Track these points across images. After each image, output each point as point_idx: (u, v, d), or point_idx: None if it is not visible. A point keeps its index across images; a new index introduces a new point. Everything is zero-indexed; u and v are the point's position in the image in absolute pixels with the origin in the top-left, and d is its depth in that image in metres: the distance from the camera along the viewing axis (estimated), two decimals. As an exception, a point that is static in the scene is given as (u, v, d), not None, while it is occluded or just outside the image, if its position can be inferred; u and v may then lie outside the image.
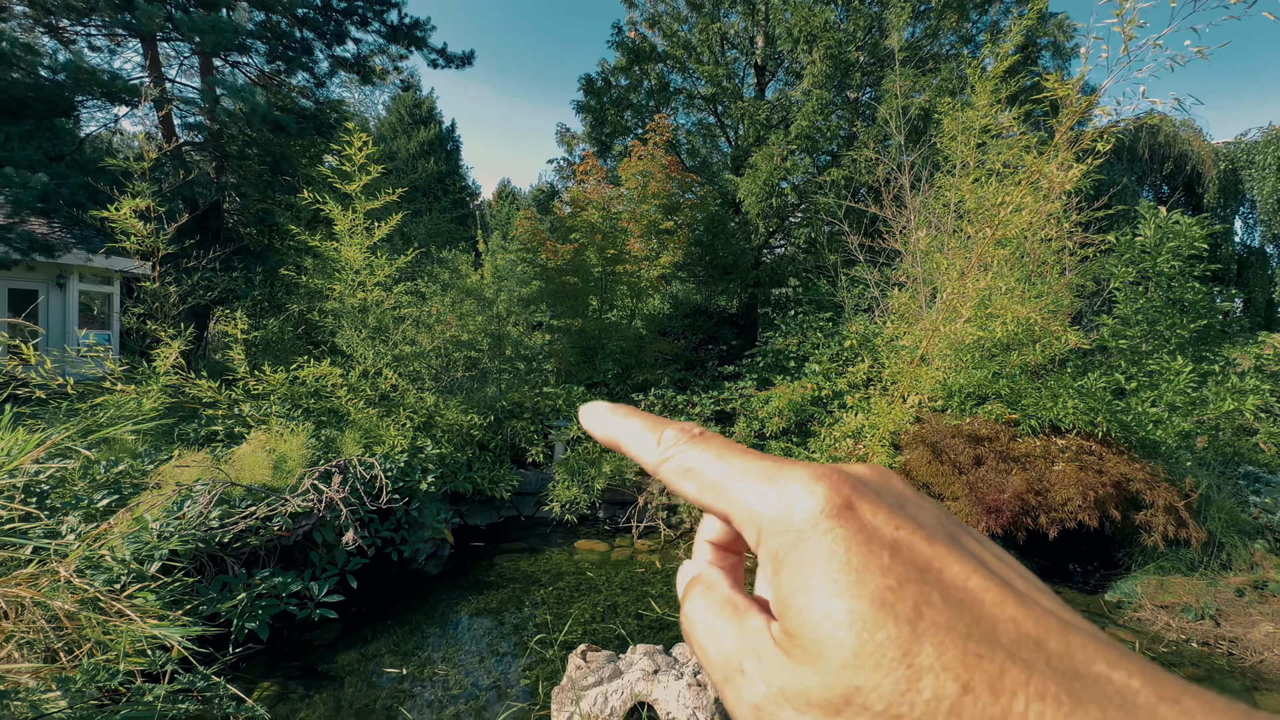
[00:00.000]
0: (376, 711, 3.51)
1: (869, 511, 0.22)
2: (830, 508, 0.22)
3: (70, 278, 12.33)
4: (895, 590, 0.20)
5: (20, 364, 4.57)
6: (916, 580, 0.21)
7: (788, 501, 0.23)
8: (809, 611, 0.21)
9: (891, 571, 0.21)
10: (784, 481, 0.23)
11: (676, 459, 0.27)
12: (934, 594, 0.20)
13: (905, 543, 0.22)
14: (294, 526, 4.44)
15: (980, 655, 0.19)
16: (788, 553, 0.22)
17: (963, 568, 0.21)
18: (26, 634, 2.79)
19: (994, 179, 5.58)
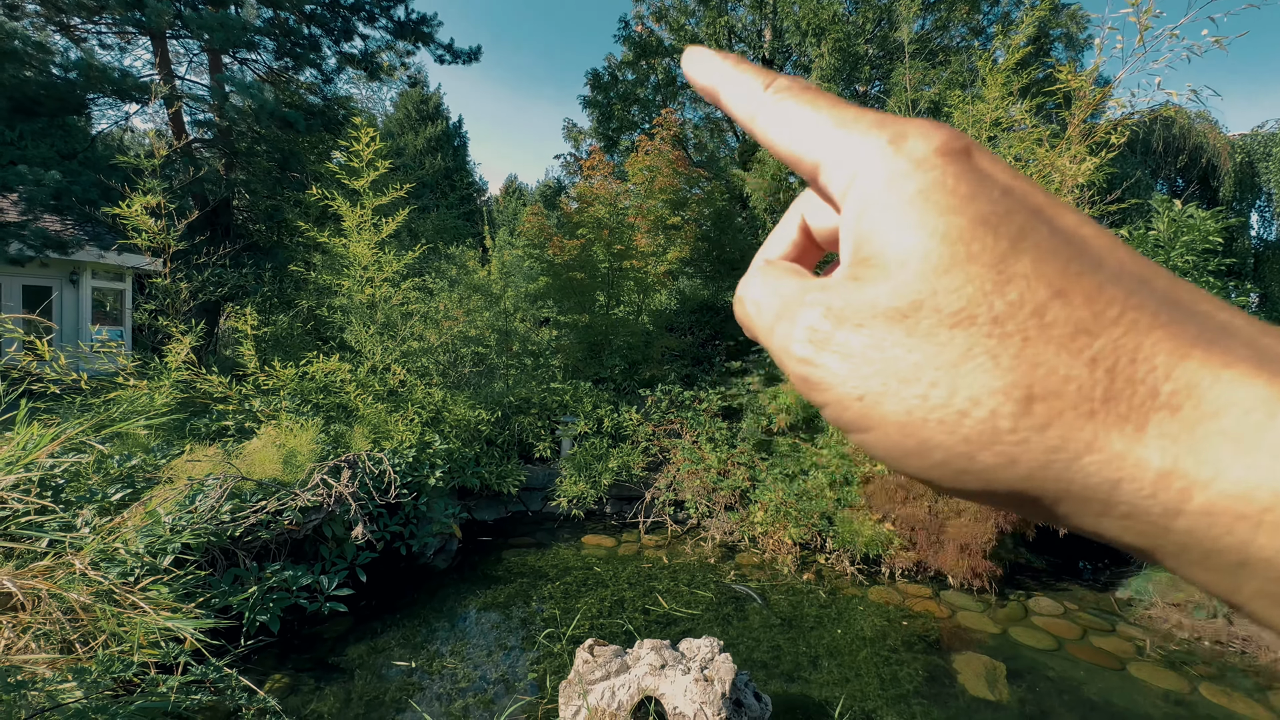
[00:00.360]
0: (386, 703, 3.54)
1: (987, 160, 0.20)
2: (947, 149, 0.20)
3: (83, 274, 12.47)
4: (1001, 215, 0.19)
5: (35, 360, 4.63)
6: (1026, 213, 0.19)
7: (898, 140, 0.20)
8: (901, 227, 0.19)
9: (1000, 203, 0.19)
10: (901, 126, 0.21)
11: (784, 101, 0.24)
12: (1042, 226, 0.19)
13: (1020, 189, 0.20)
14: (304, 521, 4.48)
15: (1081, 273, 0.18)
16: (888, 187, 0.20)
17: (1076, 219, 0.19)
18: (43, 625, 2.83)
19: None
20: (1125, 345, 0.17)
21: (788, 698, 3.75)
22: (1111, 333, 0.17)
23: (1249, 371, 0.16)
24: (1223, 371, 0.16)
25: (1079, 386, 0.17)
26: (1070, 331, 0.17)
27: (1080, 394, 0.17)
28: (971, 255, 0.18)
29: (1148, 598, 5.39)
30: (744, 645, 4.40)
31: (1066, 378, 0.17)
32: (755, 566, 6.01)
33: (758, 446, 7.29)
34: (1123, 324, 0.17)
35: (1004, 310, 0.17)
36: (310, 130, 10.26)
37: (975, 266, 0.18)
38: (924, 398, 0.18)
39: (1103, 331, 0.17)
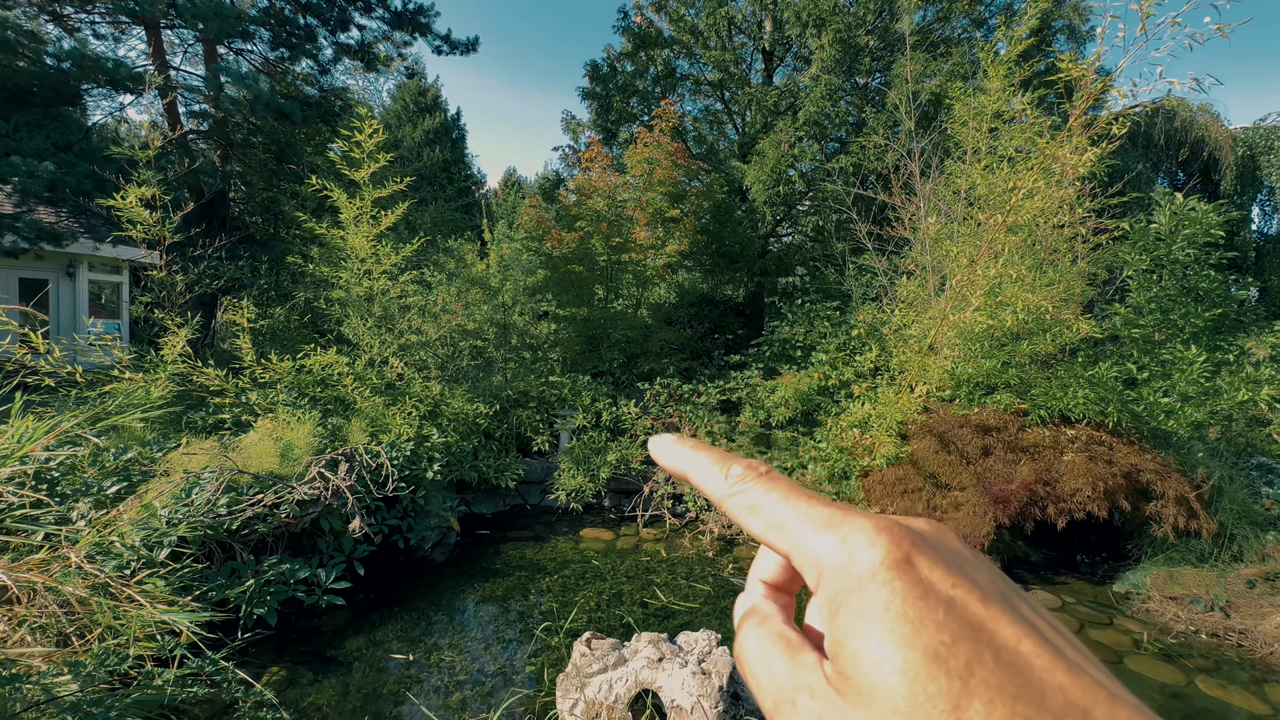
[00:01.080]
0: (384, 696, 3.54)
1: (926, 567, 0.23)
2: (890, 560, 0.23)
3: (79, 267, 12.41)
4: (949, 646, 0.21)
5: (30, 352, 4.61)
6: (970, 639, 0.21)
7: (849, 550, 0.24)
8: (864, 656, 0.22)
9: (946, 628, 0.21)
10: (846, 530, 0.24)
11: (743, 495, 0.28)
12: (986, 654, 0.21)
13: (960, 601, 0.22)
14: (301, 514, 4.47)
15: (1027, 717, 0.20)
16: (846, 599, 0.23)
17: (1015, 631, 0.22)
18: (39, 619, 2.82)
19: (1006, 164, 5.48)
20: None
21: (785, 690, 3.76)
22: None
23: None
24: None
25: None
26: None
27: None
28: (930, 698, 0.20)
29: (1145, 591, 5.40)
30: (742, 638, 4.40)
31: None
32: (754, 559, 6.01)
33: (756, 440, 7.28)
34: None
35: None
36: (307, 122, 10.18)
37: (935, 713, 0.20)
38: None
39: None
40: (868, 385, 7.10)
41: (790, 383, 7.19)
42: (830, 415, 7.15)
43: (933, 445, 6.15)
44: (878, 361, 7.27)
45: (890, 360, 6.99)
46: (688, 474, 0.31)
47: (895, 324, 7.04)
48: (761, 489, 0.28)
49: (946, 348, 6.38)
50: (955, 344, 6.28)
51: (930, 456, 6.11)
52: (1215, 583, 5.23)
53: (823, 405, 7.41)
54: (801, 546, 0.25)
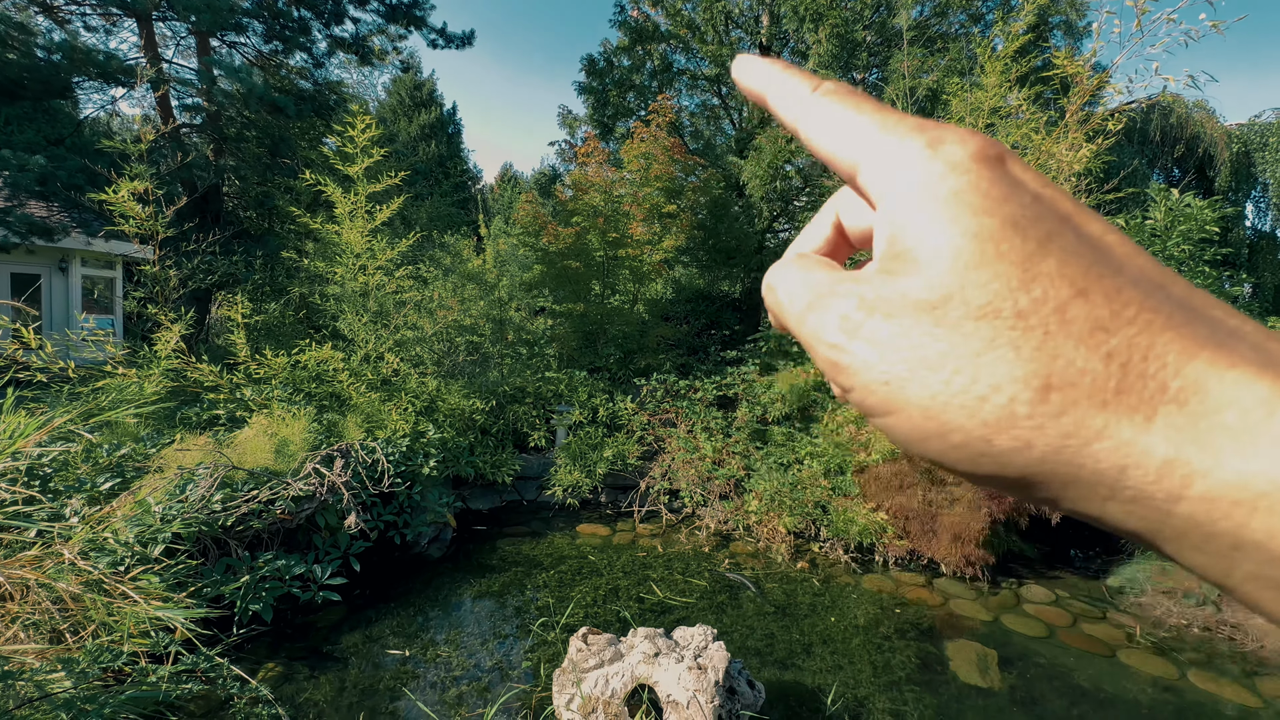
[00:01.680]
0: (380, 691, 3.54)
1: (1019, 168, 0.21)
2: (982, 154, 0.21)
3: (72, 262, 12.31)
4: (1030, 220, 0.20)
5: (21, 348, 4.57)
6: (1053, 219, 0.20)
7: (939, 144, 0.21)
8: (933, 223, 0.20)
9: (1031, 207, 0.20)
10: (938, 130, 0.22)
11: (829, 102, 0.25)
12: (1068, 231, 0.20)
13: (1049, 196, 0.21)
14: (296, 510, 4.46)
15: (1103, 275, 0.19)
16: (923, 188, 0.21)
17: (1101, 225, 0.21)
18: (32, 615, 2.80)
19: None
20: (1139, 343, 0.18)
21: (781, 685, 3.77)
22: (1127, 331, 0.18)
23: (1252, 373, 0.17)
24: (1228, 372, 0.17)
25: (1094, 379, 0.18)
26: (1089, 328, 0.18)
27: (1094, 385, 0.18)
28: (1000, 254, 0.19)
29: (1138, 585, 5.44)
30: (738, 633, 4.42)
31: (1083, 370, 0.18)
32: (750, 555, 6.03)
33: (752, 436, 7.29)
34: (1138, 323, 0.18)
35: (1028, 305, 0.18)
36: (301, 116, 10.10)
37: (1003, 264, 0.19)
38: (947, 383, 0.19)
39: (1119, 329, 0.18)
40: (864, 381, 7.10)
41: (787, 378, 7.20)
42: (827, 411, 7.16)
43: (928, 441, 6.17)
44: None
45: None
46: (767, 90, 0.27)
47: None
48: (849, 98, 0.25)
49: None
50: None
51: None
52: (1207, 577, 5.27)
53: (819, 401, 7.42)
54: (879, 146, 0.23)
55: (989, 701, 3.81)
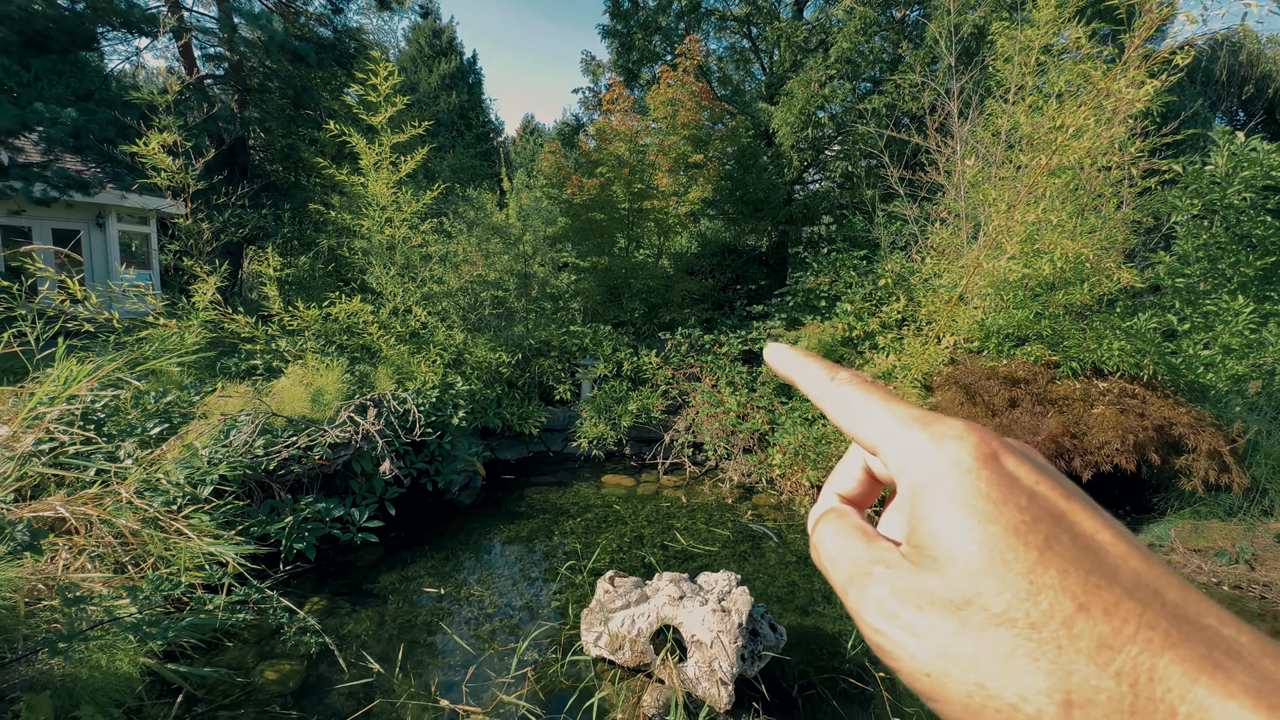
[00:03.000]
0: (418, 626, 3.73)
1: (1012, 464, 0.24)
2: (978, 453, 0.24)
3: (109, 217, 12.58)
4: (1029, 524, 0.22)
5: (69, 299, 4.73)
6: (1050, 521, 0.22)
7: (938, 442, 0.25)
8: (945, 528, 0.23)
9: (1027, 510, 0.23)
10: (940, 427, 0.25)
11: (847, 390, 0.30)
12: (1064, 535, 0.22)
13: (1043, 494, 0.23)
14: (333, 456, 4.63)
15: (1100, 586, 0.21)
16: (932, 484, 0.24)
17: (1094, 523, 0.23)
18: (96, 548, 3.00)
19: (1054, 101, 5.14)
20: (1143, 663, 0.19)
21: (802, 629, 3.87)
22: (1129, 650, 0.19)
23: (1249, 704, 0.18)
24: (1228, 701, 0.18)
25: (1109, 697, 0.19)
26: (1095, 644, 0.20)
27: (1111, 704, 0.19)
28: (1006, 563, 0.22)
29: (1169, 543, 5.37)
30: (760, 581, 4.52)
31: (1097, 688, 0.19)
32: (773, 507, 6.11)
33: (777, 390, 7.27)
34: (1138, 642, 0.20)
35: (1039, 617, 0.21)
36: (321, 64, 9.96)
37: (1010, 574, 0.21)
38: (980, 686, 0.21)
39: (1122, 647, 0.20)
40: (893, 336, 6.98)
41: (814, 333, 7.10)
42: (854, 367, 7.08)
43: (958, 397, 6.07)
44: (904, 312, 7.11)
45: (918, 311, 6.83)
46: (796, 377, 0.34)
47: (925, 273, 6.84)
48: (863, 388, 0.30)
49: (977, 298, 6.20)
50: (986, 294, 6.10)
51: (955, 409, 6.03)
52: (1242, 536, 5.18)
53: (846, 357, 7.33)
54: (893, 437, 0.27)
55: (1008, 651, 3.86)
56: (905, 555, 0.25)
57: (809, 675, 3.42)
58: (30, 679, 2.32)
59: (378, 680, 3.17)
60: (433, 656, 3.46)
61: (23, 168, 7.63)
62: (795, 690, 3.28)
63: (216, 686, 3.01)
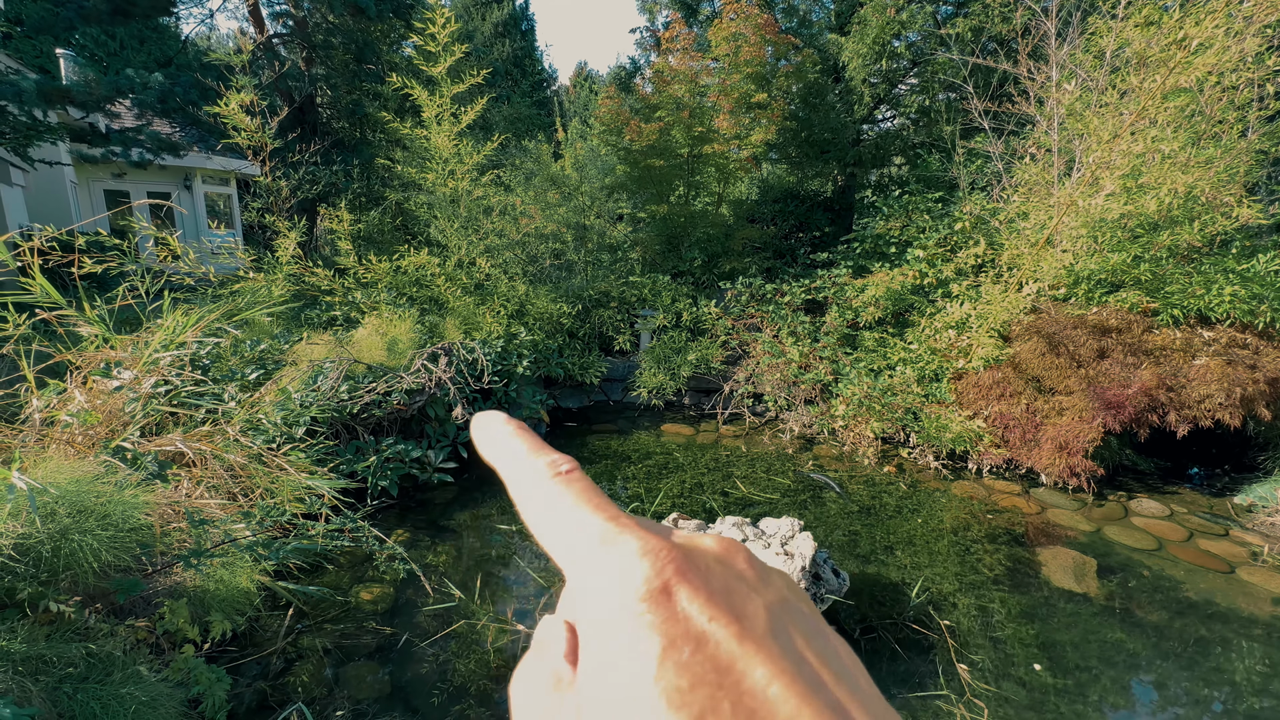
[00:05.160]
0: (492, 559, 3.99)
1: (686, 598, 0.21)
2: (647, 590, 0.21)
3: (195, 179, 13.38)
4: (685, 692, 0.19)
5: (170, 256, 5.12)
6: (711, 684, 0.19)
7: (612, 570, 0.22)
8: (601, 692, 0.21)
9: (688, 669, 0.20)
10: (615, 548, 0.22)
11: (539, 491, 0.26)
12: (725, 702, 0.19)
13: (714, 637, 0.20)
14: (410, 402, 4.90)
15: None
16: (599, 624, 0.22)
17: (767, 671, 0.20)
18: (212, 479, 3.33)
19: (1176, 10, 4.53)
20: None
21: (864, 576, 3.89)
22: None
23: None
24: None
25: None
26: None
27: None
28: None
29: (1272, 504, 4.98)
30: (821, 529, 4.54)
31: None
32: (834, 458, 6.05)
33: (842, 341, 7.07)
34: None
35: None
36: (380, 16, 10.01)
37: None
38: None
39: None
40: (969, 284, 6.59)
41: (882, 280, 6.80)
42: (924, 316, 6.76)
43: (1039, 347, 5.72)
44: (983, 257, 6.67)
45: (998, 255, 6.40)
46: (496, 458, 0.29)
47: (1009, 214, 6.36)
48: (556, 487, 0.25)
49: (1067, 240, 5.73)
50: (1079, 235, 5.62)
51: (1034, 359, 5.70)
52: (1363, 500, 4.73)
53: (916, 305, 7.00)
54: (570, 559, 0.23)
55: (1082, 607, 3.75)
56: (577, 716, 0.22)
57: (870, 620, 3.45)
58: (169, 588, 2.66)
59: (459, 605, 3.43)
60: (506, 587, 3.70)
61: (120, 132, 8.17)
62: (857, 633, 3.32)
63: (320, 603, 3.35)
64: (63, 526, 2.03)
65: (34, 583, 1.97)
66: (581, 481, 0.26)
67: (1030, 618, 3.60)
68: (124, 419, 3.10)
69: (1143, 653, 3.37)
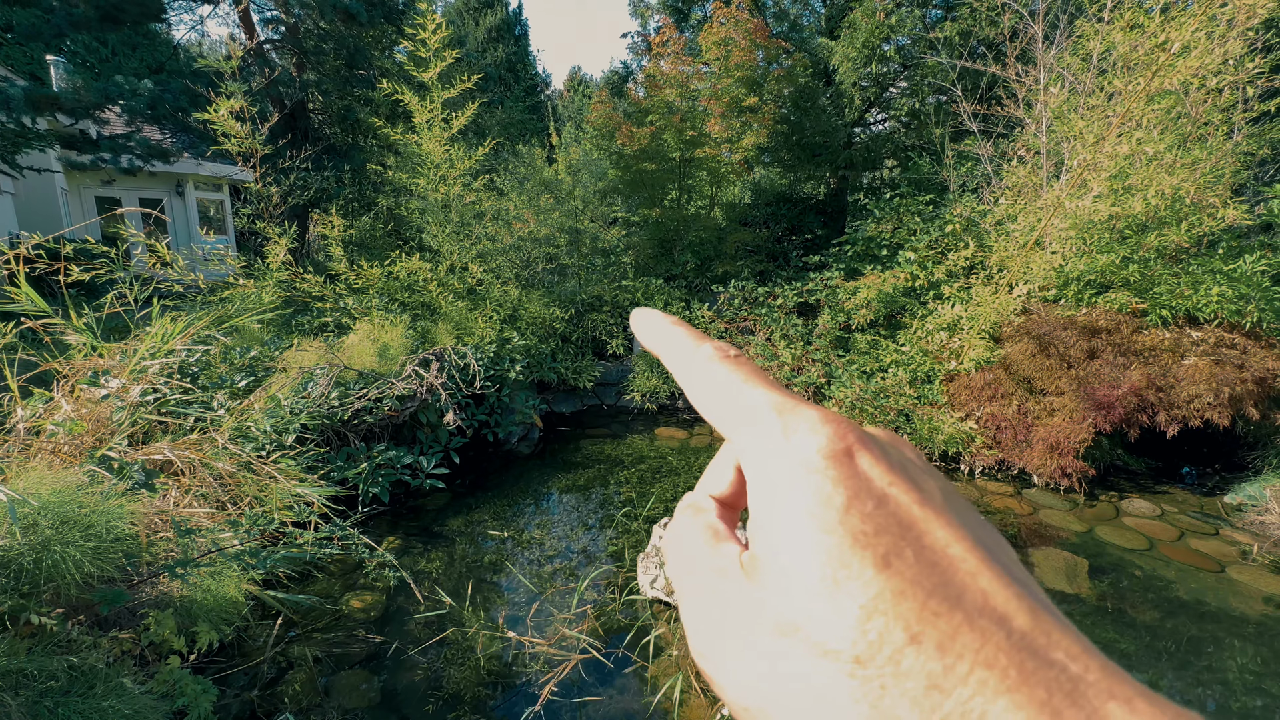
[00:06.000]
0: (484, 566, 3.97)
1: (868, 462, 0.21)
2: (830, 449, 0.21)
3: (187, 186, 13.33)
4: (870, 535, 0.20)
5: (159, 263, 5.10)
6: (894, 532, 0.20)
7: (791, 435, 0.22)
8: (781, 537, 0.21)
9: (871, 518, 0.20)
10: (794, 416, 0.23)
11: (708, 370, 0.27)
12: (908, 549, 0.19)
13: (895, 498, 0.21)
14: (401, 407, 4.88)
15: (938, 614, 0.18)
16: (778, 481, 0.22)
17: (947, 534, 0.20)
18: (200, 488, 3.30)
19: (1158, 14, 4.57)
20: (973, 710, 0.17)
21: (856, 580, 3.88)
22: (960, 693, 0.17)
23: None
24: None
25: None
26: (924, 685, 0.17)
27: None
28: (838, 582, 0.19)
29: (1262, 503, 5.01)
30: (814, 531, 4.53)
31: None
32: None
33: (834, 343, 7.08)
34: (971, 683, 0.17)
35: (865, 651, 0.18)
36: (372, 22, 10.01)
37: (841, 596, 0.19)
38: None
39: (953, 690, 0.17)
40: (960, 285, 6.62)
41: (874, 283, 6.82)
42: (916, 318, 6.79)
43: (1030, 348, 5.75)
44: (973, 259, 6.71)
45: (988, 257, 6.43)
46: (660, 347, 0.30)
47: (998, 215, 6.40)
48: (727, 367, 0.26)
49: (1056, 242, 5.76)
50: (1067, 237, 5.66)
51: (1025, 360, 5.73)
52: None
53: (908, 307, 7.03)
54: (747, 427, 0.24)
55: (1074, 608, 3.76)
56: (744, 565, 0.23)
57: (863, 623, 3.44)
58: (155, 598, 2.63)
59: (450, 612, 3.41)
60: (499, 593, 3.68)
61: (110, 139, 8.14)
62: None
63: (310, 612, 3.32)
64: (44, 538, 2.01)
65: (14, 595, 1.95)
66: (750, 364, 0.27)
67: (1022, 619, 3.60)
68: (111, 427, 3.08)
69: (1135, 653, 3.38)
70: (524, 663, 3.07)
